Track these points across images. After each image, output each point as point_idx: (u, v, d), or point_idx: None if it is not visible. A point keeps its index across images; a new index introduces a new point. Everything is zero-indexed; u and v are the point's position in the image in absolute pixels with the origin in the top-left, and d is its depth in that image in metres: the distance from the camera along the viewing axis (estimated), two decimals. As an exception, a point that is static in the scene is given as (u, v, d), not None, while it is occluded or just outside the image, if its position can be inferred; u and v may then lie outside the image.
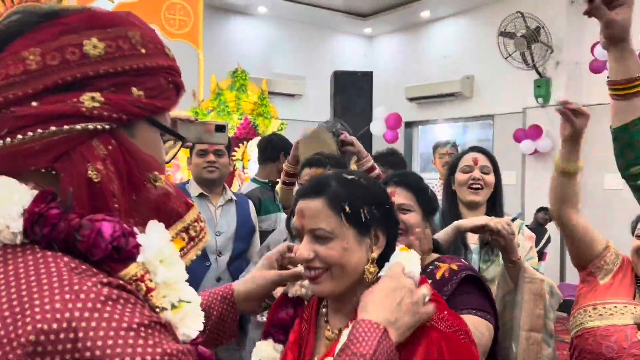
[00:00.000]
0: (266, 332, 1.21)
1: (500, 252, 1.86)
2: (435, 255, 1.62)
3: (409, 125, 7.29)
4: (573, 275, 5.19)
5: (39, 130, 0.64)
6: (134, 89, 0.70)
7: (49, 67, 0.65)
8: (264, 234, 2.69)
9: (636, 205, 1.96)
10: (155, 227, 0.69)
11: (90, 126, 0.66)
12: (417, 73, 7.04)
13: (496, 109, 6.19)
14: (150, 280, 0.66)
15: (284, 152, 3.44)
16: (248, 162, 5.46)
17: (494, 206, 2.15)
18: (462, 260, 1.63)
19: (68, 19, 0.67)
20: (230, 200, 2.61)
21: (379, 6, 6.97)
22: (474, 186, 2.11)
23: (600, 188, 5.23)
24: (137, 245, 0.65)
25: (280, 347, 1.18)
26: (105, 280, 0.61)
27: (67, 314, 0.57)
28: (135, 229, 0.67)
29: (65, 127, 0.65)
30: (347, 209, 1.06)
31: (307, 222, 1.08)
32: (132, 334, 0.58)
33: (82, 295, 0.58)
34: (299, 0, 6.59)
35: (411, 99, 7.01)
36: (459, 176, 2.15)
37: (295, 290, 1.20)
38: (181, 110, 5.25)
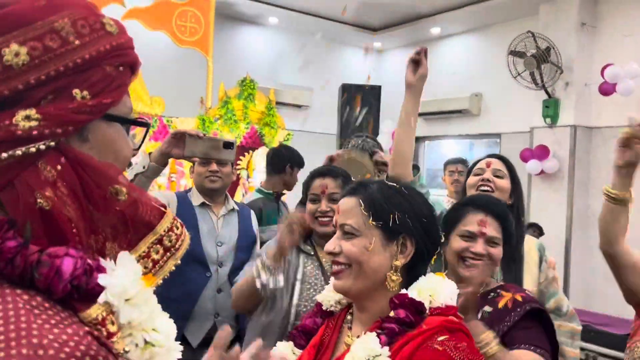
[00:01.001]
0: (290, 334, 1.27)
1: None
2: (496, 282, 1.59)
3: (416, 140, 7.26)
4: (577, 299, 5.14)
5: None
6: (76, 91, 0.59)
7: None
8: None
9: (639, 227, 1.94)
10: (123, 262, 0.62)
11: (32, 149, 0.56)
12: (425, 89, 7.00)
13: (503, 127, 6.17)
14: (113, 323, 0.59)
15: (290, 164, 3.43)
16: (253, 172, 5.45)
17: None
18: (527, 291, 1.59)
19: None
20: (233, 210, 2.59)
21: (389, 21, 6.99)
22: (483, 187, 1.99)
23: (606, 211, 5.19)
24: (97, 284, 0.59)
25: (298, 351, 1.22)
26: (69, 330, 0.53)
27: None
28: (103, 262, 0.61)
29: (4, 155, 0.55)
30: (376, 208, 1.10)
31: (339, 218, 1.14)
32: None
33: (41, 352, 0.50)
34: (309, 12, 6.61)
35: (419, 115, 7.00)
36: (470, 179, 2.06)
37: (330, 304, 1.26)
38: (188, 117, 5.23)
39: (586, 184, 5.32)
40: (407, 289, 1.08)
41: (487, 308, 1.49)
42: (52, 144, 0.58)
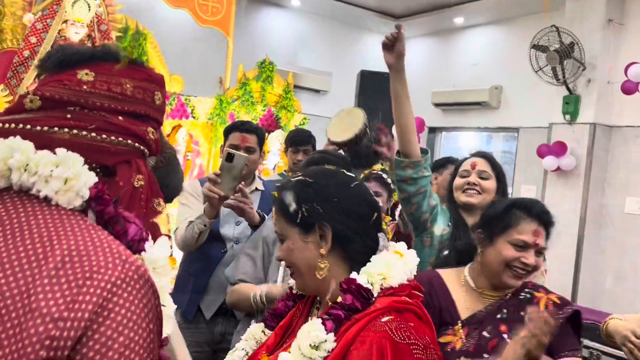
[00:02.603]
0: (264, 317, 1.31)
1: None
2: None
3: (433, 130, 7.24)
4: (585, 298, 5.12)
5: (120, 139, 0.85)
6: (161, 133, 0.95)
7: (135, 98, 0.89)
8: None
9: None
10: (162, 242, 0.85)
11: (146, 150, 0.90)
12: (445, 79, 6.99)
13: (522, 121, 6.12)
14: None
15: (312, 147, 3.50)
16: (268, 154, 5.48)
17: None
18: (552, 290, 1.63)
19: (150, 72, 0.93)
20: (256, 190, 2.67)
21: (413, 9, 6.92)
22: (469, 191, 2.03)
23: (620, 211, 5.14)
24: (144, 249, 0.81)
25: (269, 332, 1.26)
26: (138, 262, 0.75)
27: (122, 275, 0.70)
28: (150, 237, 0.84)
29: (137, 144, 0.87)
30: (285, 209, 1.12)
31: None
32: (142, 331, 0.70)
33: (127, 265, 0.72)
34: (332, -3, 6.58)
35: (437, 105, 6.96)
36: (456, 181, 2.09)
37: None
38: (206, 97, 5.23)
39: (602, 183, 5.27)
40: (358, 272, 1.08)
41: None
42: (148, 153, 0.91)
